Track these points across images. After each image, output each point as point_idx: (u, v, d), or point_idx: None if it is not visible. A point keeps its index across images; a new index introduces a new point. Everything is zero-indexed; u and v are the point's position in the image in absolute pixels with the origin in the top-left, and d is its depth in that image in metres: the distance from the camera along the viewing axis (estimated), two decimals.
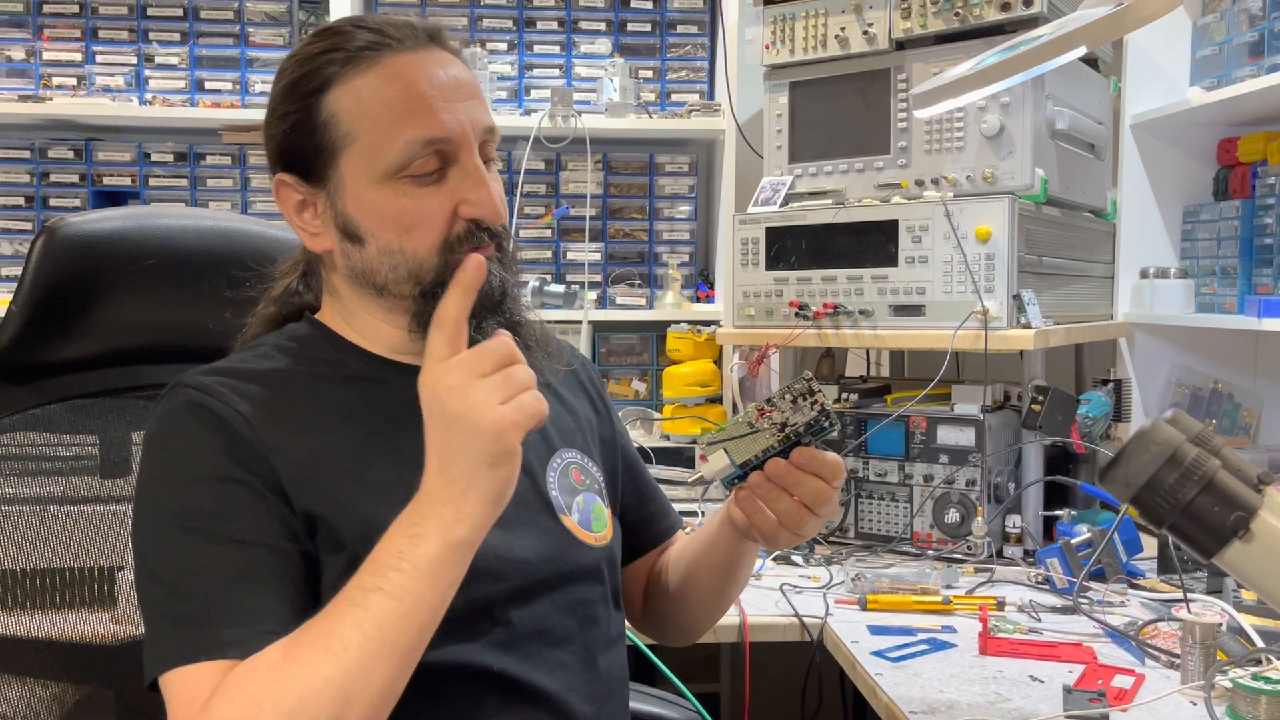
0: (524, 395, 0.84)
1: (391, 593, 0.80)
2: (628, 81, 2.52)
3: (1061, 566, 1.61)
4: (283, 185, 0.99)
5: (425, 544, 0.82)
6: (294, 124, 0.96)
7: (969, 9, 1.82)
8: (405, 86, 0.94)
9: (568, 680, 0.98)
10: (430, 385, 0.84)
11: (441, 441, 0.84)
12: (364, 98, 0.94)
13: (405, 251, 0.96)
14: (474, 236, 0.96)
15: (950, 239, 1.78)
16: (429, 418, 0.84)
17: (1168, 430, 0.84)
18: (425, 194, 0.95)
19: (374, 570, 0.82)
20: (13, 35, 2.48)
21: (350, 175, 0.95)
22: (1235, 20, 1.94)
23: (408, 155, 0.93)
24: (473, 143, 0.96)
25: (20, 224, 2.46)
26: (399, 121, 0.93)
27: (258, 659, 0.82)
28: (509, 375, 0.84)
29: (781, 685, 1.84)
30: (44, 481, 1.19)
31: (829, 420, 0.92)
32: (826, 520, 1.01)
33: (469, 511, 0.83)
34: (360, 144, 0.94)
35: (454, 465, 0.83)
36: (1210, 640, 1.22)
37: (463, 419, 0.82)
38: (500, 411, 0.82)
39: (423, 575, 0.81)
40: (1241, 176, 2.05)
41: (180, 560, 0.87)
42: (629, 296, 2.59)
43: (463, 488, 0.83)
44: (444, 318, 0.86)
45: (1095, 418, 1.85)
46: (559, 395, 1.14)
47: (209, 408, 0.92)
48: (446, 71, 0.96)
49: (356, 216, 0.96)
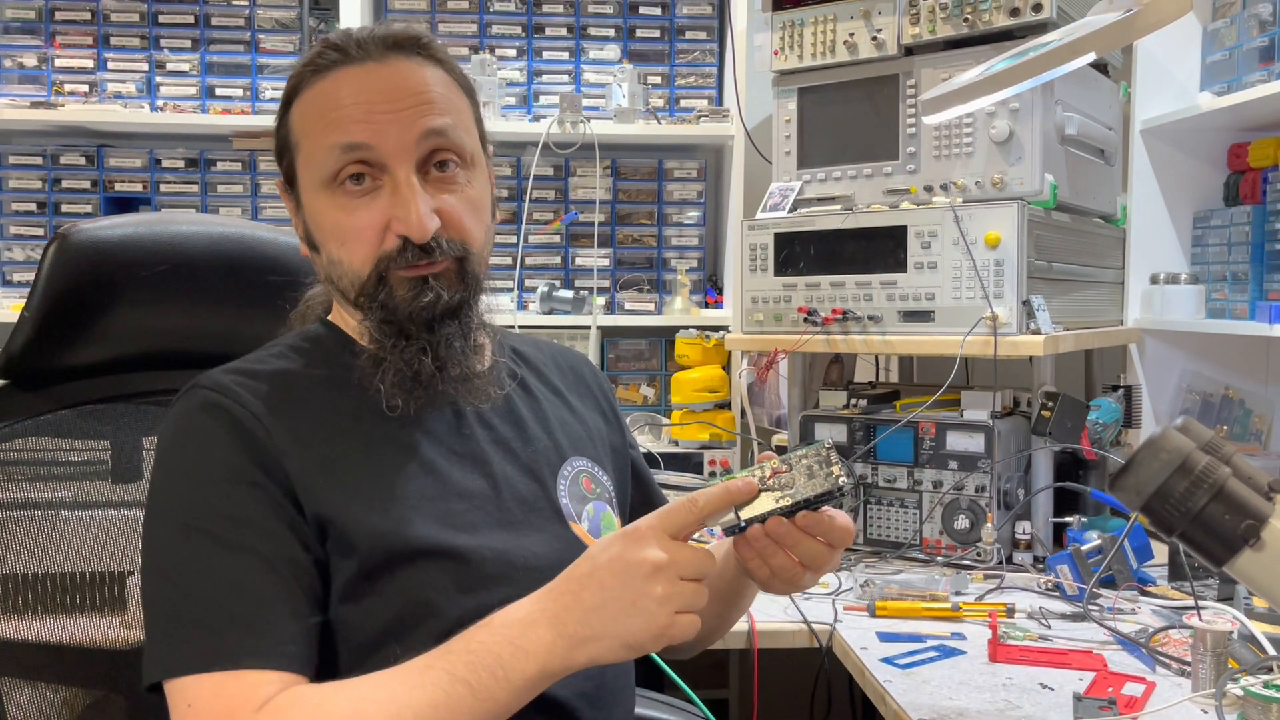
0: (693, 614, 0.83)
1: (475, 691, 0.81)
2: (636, 87, 2.53)
3: (1071, 573, 1.61)
4: (282, 192, 1.05)
5: (527, 664, 0.82)
6: (276, 133, 1.02)
7: (978, 15, 1.82)
8: (334, 97, 0.97)
9: (576, 686, 0.98)
10: (640, 547, 0.82)
11: (604, 591, 0.82)
12: (306, 109, 0.98)
13: (343, 263, 0.98)
14: (407, 253, 0.96)
15: (959, 244, 1.78)
16: (613, 563, 0.82)
17: (1178, 438, 0.84)
18: (358, 206, 0.96)
19: (468, 662, 0.82)
20: (25, 42, 2.49)
21: (303, 184, 1.00)
22: (1245, 25, 1.93)
23: (332, 163, 0.96)
24: (404, 154, 0.96)
25: (32, 230, 2.48)
26: (325, 130, 0.96)
27: (322, 696, 0.82)
28: (699, 591, 0.83)
29: (790, 692, 1.84)
30: (55, 486, 1.19)
31: (841, 494, 0.91)
32: (827, 573, 1.00)
33: (577, 655, 0.82)
34: (303, 153, 0.99)
35: (599, 618, 0.82)
36: (1221, 648, 1.22)
37: (643, 600, 0.81)
38: (674, 619, 0.82)
39: (510, 689, 0.82)
40: (1252, 182, 2.04)
41: (192, 564, 0.87)
42: (638, 302, 2.59)
43: (588, 638, 0.82)
44: (703, 505, 0.84)
45: (1105, 424, 1.85)
46: (569, 404, 1.14)
47: (225, 408, 0.92)
48: (387, 82, 0.97)
49: (311, 225, 1.01)
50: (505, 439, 1.04)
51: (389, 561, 0.91)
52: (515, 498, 1.01)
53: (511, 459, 1.03)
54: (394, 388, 0.96)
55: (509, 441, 1.04)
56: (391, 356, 0.96)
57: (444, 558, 0.93)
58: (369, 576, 0.91)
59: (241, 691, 0.82)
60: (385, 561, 0.91)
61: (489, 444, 1.02)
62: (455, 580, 0.93)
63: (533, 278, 2.56)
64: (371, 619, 0.91)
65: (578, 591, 0.83)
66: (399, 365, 0.96)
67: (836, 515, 0.93)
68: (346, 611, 0.91)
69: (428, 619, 0.91)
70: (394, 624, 0.90)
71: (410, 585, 0.91)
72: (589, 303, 2.51)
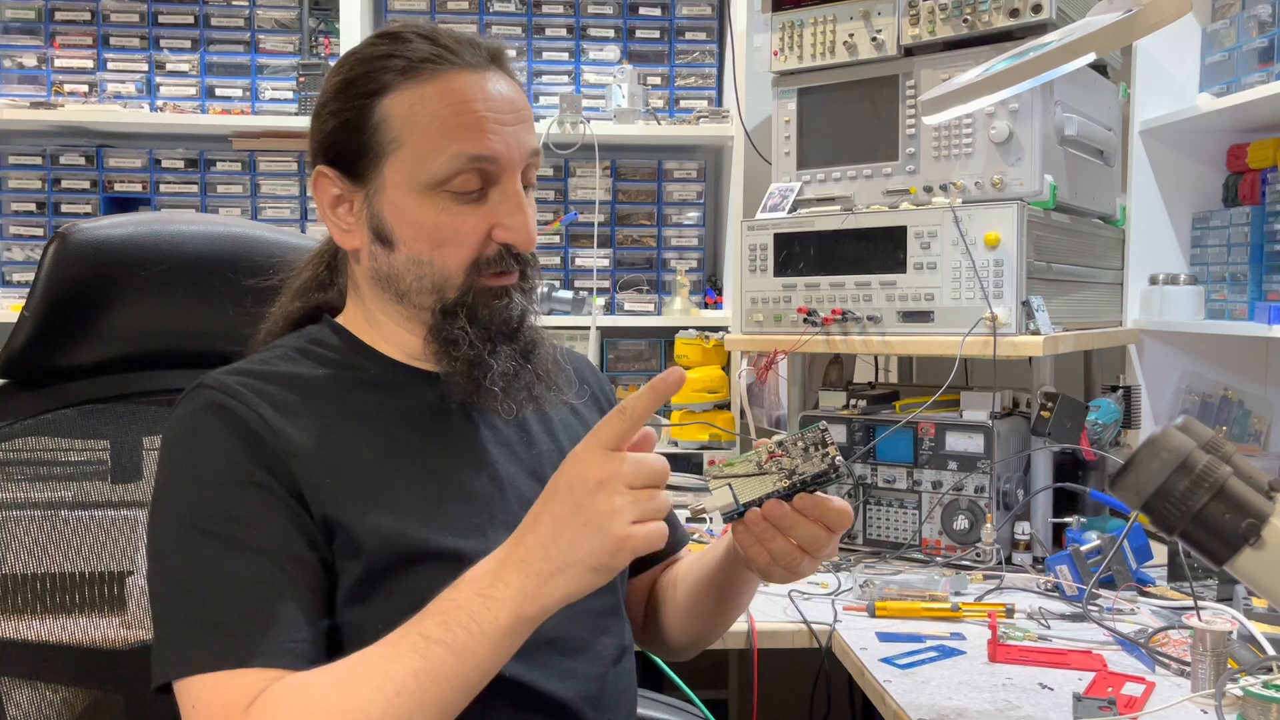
0: (656, 522, 0.82)
1: (454, 649, 0.81)
2: (636, 88, 2.53)
3: (1071, 573, 1.61)
4: (322, 177, 1.00)
5: (497, 611, 0.81)
6: (344, 121, 0.98)
7: (977, 15, 1.82)
8: (459, 102, 0.95)
9: (579, 688, 0.98)
10: (580, 467, 0.82)
11: (557, 521, 0.81)
12: (418, 108, 0.96)
13: (434, 264, 0.97)
14: (503, 261, 0.98)
15: (959, 245, 1.78)
16: (559, 490, 0.82)
17: (1178, 437, 0.84)
18: (463, 211, 0.96)
19: (441, 621, 0.82)
20: (25, 42, 2.50)
21: (392, 180, 0.97)
22: (1245, 26, 1.93)
23: (452, 169, 0.95)
24: (517, 167, 0.98)
25: (32, 230, 2.48)
26: (448, 135, 0.95)
27: (306, 680, 0.83)
28: (653, 496, 0.82)
29: (790, 692, 1.84)
30: (55, 486, 1.19)
31: (837, 474, 0.92)
32: (826, 560, 1.00)
33: (548, 593, 0.81)
34: (407, 151, 0.96)
35: (557, 548, 0.81)
36: (1221, 648, 1.22)
37: (594, 517, 0.80)
38: (630, 529, 0.80)
39: (488, 640, 0.81)
40: (1251, 183, 2.05)
41: (200, 564, 0.87)
42: (637, 302, 2.59)
43: (553, 571, 0.81)
44: (630, 410, 0.83)
45: (1105, 424, 1.85)
46: (573, 407, 1.14)
47: (230, 409, 0.92)
48: (502, 94, 0.98)
49: (391, 221, 0.98)
50: (510, 441, 1.04)
51: (396, 564, 0.91)
52: (520, 500, 1.01)
53: (516, 461, 1.03)
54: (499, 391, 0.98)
55: (513, 444, 1.04)
56: (493, 361, 0.98)
57: (450, 560, 0.93)
58: (376, 579, 0.91)
59: (246, 689, 0.82)
60: (392, 564, 0.91)
61: (494, 446, 1.02)
62: None
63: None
64: (378, 621, 0.90)
65: (534, 528, 0.82)
66: (504, 368, 0.98)
67: (833, 498, 0.93)
68: (353, 613, 0.91)
69: None
70: (400, 625, 0.90)
71: (416, 587, 0.91)
72: (589, 303, 2.51)
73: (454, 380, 0.99)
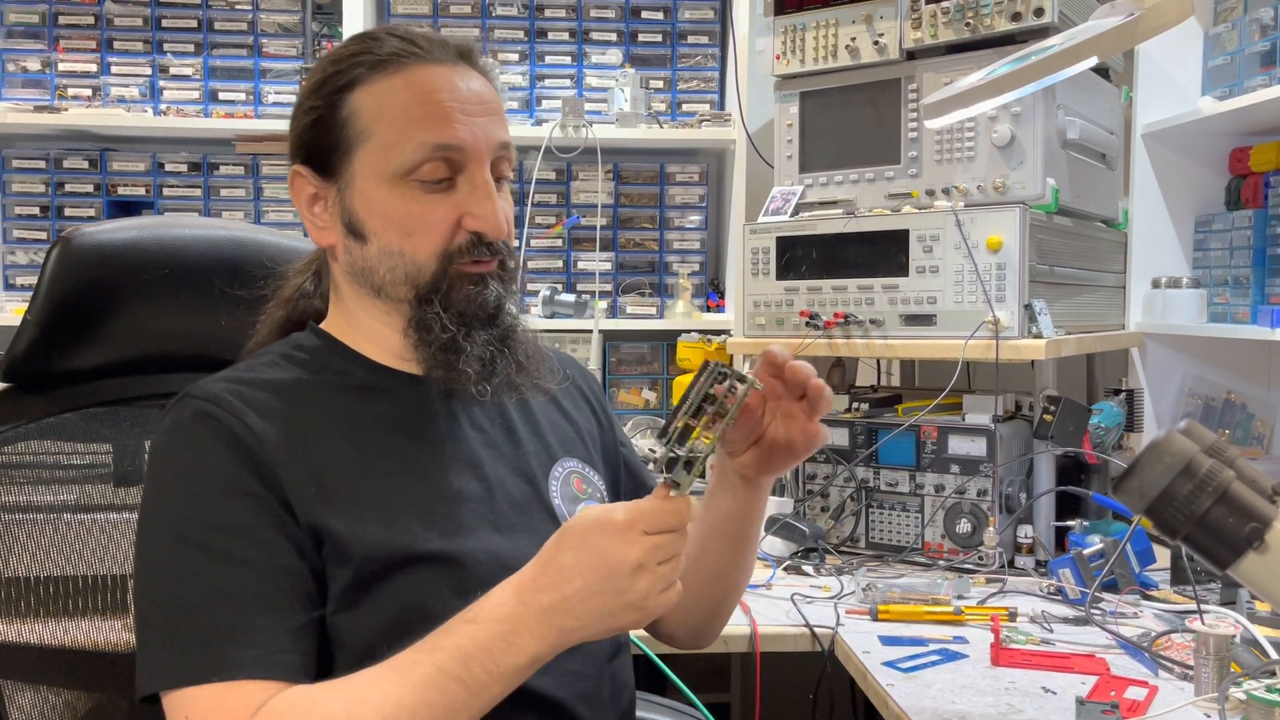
0: (674, 588, 0.84)
1: (470, 686, 0.82)
2: (638, 92, 2.53)
3: (1074, 577, 1.60)
4: (298, 177, 1.02)
5: (518, 657, 0.82)
6: (316, 119, 0.99)
7: (980, 19, 1.82)
8: (425, 93, 0.96)
9: (575, 687, 0.98)
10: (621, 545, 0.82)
11: (590, 588, 0.82)
12: (384, 99, 0.97)
13: (405, 254, 0.98)
14: (476, 249, 0.98)
15: (961, 249, 1.78)
16: (591, 552, 0.82)
17: (1182, 441, 0.84)
18: (431, 200, 0.97)
19: (459, 659, 0.82)
20: (29, 46, 2.50)
21: (361, 172, 0.98)
22: (1247, 30, 1.93)
23: (418, 158, 0.96)
24: (484, 157, 0.98)
25: (35, 233, 2.48)
26: (414, 124, 0.96)
27: (314, 695, 0.83)
28: (676, 568, 0.84)
29: (792, 695, 1.84)
30: (58, 490, 1.19)
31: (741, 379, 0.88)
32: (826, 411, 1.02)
33: (568, 642, 0.84)
34: (375, 142, 0.97)
35: (585, 611, 0.82)
36: (1224, 652, 1.22)
37: (632, 597, 0.82)
38: (658, 601, 0.83)
39: (503, 680, 0.83)
40: (1254, 186, 2.05)
41: (188, 576, 0.87)
42: (639, 306, 2.59)
43: (577, 627, 0.83)
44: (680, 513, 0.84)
45: (1107, 428, 1.84)
46: (560, 406, 1.14)
47: (217, 419, 0.92)
48: (469, 86, 0.99)
49: (362, 214, 0.98)
50: (496, 441, 1.04)
51: (385, 569, 0.91)
52: (507, 500, 1.01)
53: (503, 461, 1.03)
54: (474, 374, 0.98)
55: (500, 444, 1.04)
56: (467, 345, 0.98)
57: (439, 562, 0.93)
58: (365, 584, 0.91)
59: (238, 700, 0.82)
60: (381, 569, 0.91)
61: (481, 446, 1.02)
62: (450, 584, 0.93)
63: (535, 282, 2.57)
64: (368, 625, 0.91)
65: (561, 585, 0.83)
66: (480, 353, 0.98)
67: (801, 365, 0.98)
68: (343, 619, 0.91)
69: (424, 623, 0.90)
70: (390, 629, 0.90)
71: (406, 591, 0.91)
72: (591, 307, 2.51)
73: (432, 369, 0.99)
